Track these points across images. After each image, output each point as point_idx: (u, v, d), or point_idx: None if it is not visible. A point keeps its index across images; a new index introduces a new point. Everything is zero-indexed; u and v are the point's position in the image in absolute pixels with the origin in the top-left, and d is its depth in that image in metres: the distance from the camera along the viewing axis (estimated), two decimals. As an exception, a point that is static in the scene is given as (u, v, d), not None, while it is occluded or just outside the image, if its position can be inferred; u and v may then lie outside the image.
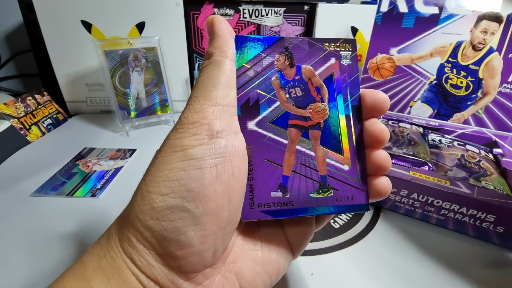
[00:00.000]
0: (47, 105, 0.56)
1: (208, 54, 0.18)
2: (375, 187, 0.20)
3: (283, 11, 0.60)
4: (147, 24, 0.57)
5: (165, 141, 0.17)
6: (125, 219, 0.16)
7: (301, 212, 0.19)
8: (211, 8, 0.58)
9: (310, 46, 0.20)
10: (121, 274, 0.15)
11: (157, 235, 0.15)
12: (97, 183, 0.40)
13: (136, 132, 0.55)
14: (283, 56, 0.20)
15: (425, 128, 0.47)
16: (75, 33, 0.55)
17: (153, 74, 0.56)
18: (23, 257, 0.29)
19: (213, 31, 0.18)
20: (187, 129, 0.16)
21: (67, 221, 0.33)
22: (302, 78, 0.20)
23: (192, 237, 0.15)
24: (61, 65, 0.58)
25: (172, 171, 0.15)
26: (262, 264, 0.19)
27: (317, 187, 0.19)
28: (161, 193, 0.15)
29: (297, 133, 0.20)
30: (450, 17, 0.48)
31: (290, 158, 0.19)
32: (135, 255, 0.15)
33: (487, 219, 0.31)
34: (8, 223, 0.33)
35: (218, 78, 0.17)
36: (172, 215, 0.15)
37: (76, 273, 0.15)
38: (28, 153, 0.47)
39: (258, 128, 0.19)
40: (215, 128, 0.16)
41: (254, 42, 0.19)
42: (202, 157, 0.16)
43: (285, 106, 0.20)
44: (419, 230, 0.34)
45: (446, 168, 0.37)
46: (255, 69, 0.19)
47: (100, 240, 0.17)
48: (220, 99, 0.17)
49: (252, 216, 0.18)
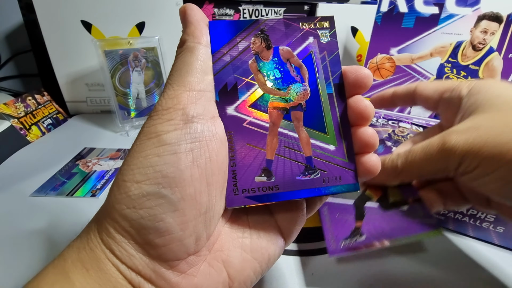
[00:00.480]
0: (47, 105, 0.56)
1: (181, 41, 0.18)
2: (363, 165, 0.19)
3: (283, 11, 0.60)
4: (147, 24, 0.57)
5: (140, 130, 0.17)
6: (103, 210, 0.16)
7: (288, 196, 0.19)
8: (211, 8, 0.58)
9: (287, 26, 0.20)
10: (101, 265, 0.15)
11: (135, 224, 0.15)
12: (97, 183, 0.40)
13: (136, 132, 0.55)
14: (259, 38, 0.19)
15: (425, 128, 0.47)
16: (75, 33, 0.55)
17: (153, 74, 0.56)
18: (23, 257, 0.29)
19: (185, 19, 0.18)
20: (161, 115, 0.16)
21: (67, 221, 0.33)
22: (281, 59, 0.20)
23: (171, 224, 0.15)
24: (61, 65, 0.58)
25: (147, 157, 0.15)
26: (251, 251, 0.19)
27: (302, 169, 0.19)
28: (136, 180, 0.15)
29: (279, 115, 0.19)
30: (450, 17, 0.48)
31: (273, 141, 0.19)
32: (114, 245, 0.15)
33: (487, 219, 0.31)
34: (8, 223, 0.33)
35: (192, 63, 0.17)
36: (149, 202, 0.15)
37: (56, 266, 0.15)
38: (28, 153, 0.47)
39: (237, 113, 0.19)
40: (190, 113, 0.16)
41: (228, 27, 0.19)
42: (177, 141, 0.15)
43: (264, 88, 0.19)
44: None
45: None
46: (231, 53, 0.19)
47: (80, 234, 0.17)
48: (195, 85, 0.17)
49: (237, 203, 0.18)
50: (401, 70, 0.52)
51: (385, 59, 0.53)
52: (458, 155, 0.21)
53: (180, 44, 0.18)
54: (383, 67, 0.53)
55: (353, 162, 0.19)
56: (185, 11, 0.18)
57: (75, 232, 0.32)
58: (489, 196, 0.23)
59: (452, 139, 0.21)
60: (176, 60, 0.18)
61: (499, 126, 0.21)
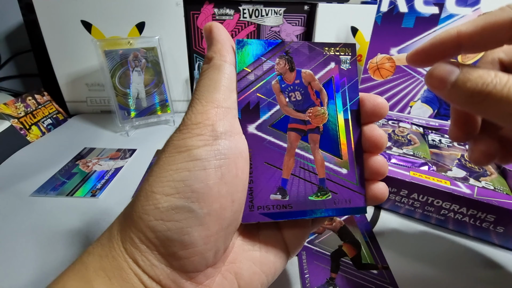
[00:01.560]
0: (47, 105, 0.56)
1: (207, 58, 0.19)
2: (372, 191, 0.20)
3: (283, 11, 0.60)
4: (147, 24, 0.57)
5: (168, 142, 0.17)
6: (128, 219, 0.16)
7: (300, 214, 0.19)
8: (211, 8, 0.58)
9: (310, 50, 0.20)
10: (123, 274, 0.15)
11: (161, 236, 0.15)
12: (97, 183, 0.40)
13: (136, 132, 0.55)
14: (283, 60, 0.20)
15: (425, 128, 0.47)
16: (75, 33, 0.55)
17: (153, 74, 0.56)
18: (23, 257, 0.29)
19: (212, 37, 0.19)
20: (190, 129, 0.16)
21: (67, 221, 0.33)
22: (302, 82, 0.20)
23: (196, 238, 0.15)
24: (61, 65, 0.58)
25: (177, 171, 0.16)
26: (260, 265, 0.19)
27: (315, 190, 0.20)
28: (166, 193, 0.15)
29: (297, 137, 0.20)
30: (450, 17, 0.48)
31: (290, 161, 0.19)
32: (137, 255, 0.15)
33: (487, 219, 0.31)
34: (8, 223, 0.33)
35: (219, 81, 0.18)
36: (177, 215, 0.15)
37: (77, 273, 0.15)
38: (28, 153, 0.47)
39: (258, 132, 0.19)
40: (218, 129, 0.16)
41: (254, 46, 0.20)
42: (207, 157, 0.16)
43: (285, 110, 0.20)
44: (419, 230, 0.34)
45: (446, 168, 0.37)
46: (256, 73, 0.19)
47: (101, 240, 0.17)
48: (222, 101, 0.17)
49: (252, 219, 0.19)
50: (401, 70, 0.52)
51: (385, 59, 0.53)
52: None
53: (206, 60, 0.19)
54: (383, 67, 0.53)
55: (363, 186, 0.20)
56: (211, 29, 0.19)
57: (75, 232, 0.32)
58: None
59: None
60: (203, 76, 0.18)
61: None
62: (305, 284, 0.27)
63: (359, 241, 0.32)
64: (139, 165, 0.45)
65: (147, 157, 0.46)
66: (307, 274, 0.28)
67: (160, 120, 0.58)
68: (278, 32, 0.62)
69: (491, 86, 0.15)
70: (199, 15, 0.58)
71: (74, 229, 0.32)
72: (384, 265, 0.29)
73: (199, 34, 0.60)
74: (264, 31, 0.62)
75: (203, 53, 0.62)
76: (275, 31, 0.62)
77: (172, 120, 0.59)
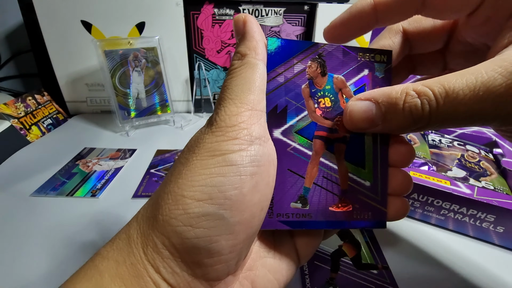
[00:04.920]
0: (47, 105, 0.56)
1: (240, 54, 0.17)
2: (392, 207, 0.19)
3: (283, 11, 0.60)
4: (147, 24, 0.57)
5: (198, 143, 0.16)
6: (151, 221, 0.15)
7: (318, 225, 0.19)
8: (211, 8, 0.58)
9: (344, 54, 0.19)
10: (141, 282, 0.14)
11: (188, 242, 0.14)
12: (97, 183, 0.40)
13: (136, 132, 0.55)
14: (315, 63, 0.19)
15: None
16: (75, 33, 0.55)
17: (153, 74, 0.56)
18: (23, 257, 0.29)
19: (246, 31, 0.17)
20: (225, 132, 0.15)
21: (67, 221, 0.33)
22: (333, 88, 0.19)
23: (223, 246, 0.15)
24: (61, 65, 0.58)
25: (211, 176, 0.15)
26: (274, 272, 0.19)
27: (336, 201, 0.19)
28: (197, 198, 0.14)
29: (322, 145, 0.19)
30: (450, 17, 0.47)
31: (313, 170, 0.19)
32: (159, 261, 0.15)
33: (487, 219, 0.31)
34: (8, 223, 0.33)
35: (254, 81, 0.16)
36: (207, 222, 0.14)
37: (91, 279, 0.14)
38: (28, 153, 0.47)
39: (283, 137, 0.18)
40: (253, 134, 0.16)
41: (286, 46, 0.18)
42: (243, 163, 0.15)
43: (313, 116, 0.19)
44: (419, 230, 0.34)
45: (446, 168, 0.37)
46: (286, 75, 0.18)
47: (118, 243, 0.15)
48: (256, 104, 0.16)
49: (271, 225, 0.18)
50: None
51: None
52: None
53: (239, 56, 0.17)
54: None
55: (385, 201, 0.19)
56: (245, 22, 0.17)
57: (75, 232, 0.32)
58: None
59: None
60: (235, 74, 0.17)
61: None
62: (305, 284, 0.27)
63: (359, 241, 0.32)
64: (139, 165, 0.45)
65: (147, 157, 0.46)
66: (307, 274, 0.28)
67: (160, 120, 0.58)
68: (278, 32, 0.62)
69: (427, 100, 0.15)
70: (199, 15, 0.58)
71: (74, 229, 0.32)
72: (384, 265, 0.29)
73: (199, 34, 0.60)
74: (264, 31, 0.62)
75: (203, 53, 0.62)
76: (275, 31, 0.62)
77: (172, 120, 0.59)
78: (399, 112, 0.16)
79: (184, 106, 0.65)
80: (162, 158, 0.47)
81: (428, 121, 0.15)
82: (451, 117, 0.15)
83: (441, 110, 0.14)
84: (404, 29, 0.21)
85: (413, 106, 0.15)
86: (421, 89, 0.15)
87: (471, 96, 0.14)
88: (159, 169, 0.44)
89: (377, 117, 0.16)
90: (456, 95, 0.14)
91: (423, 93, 0.15)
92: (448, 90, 0.14)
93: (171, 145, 0.51)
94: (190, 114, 0.63)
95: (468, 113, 0.14)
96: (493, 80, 0.14)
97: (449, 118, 0.15)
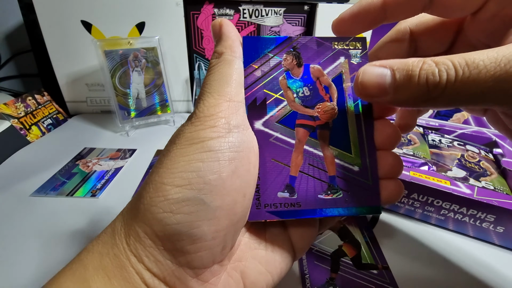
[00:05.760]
0: (47, 105, 0.56)
1: (217, 53, 0.18)
2: (385, 191, 0.19)
3: (283, 11, 0.60)
4: (147, 24, 0.57)
5: (179, 134, 0.16)
6: (133, 211, 0.16)
7: (309, 213, 0.19)
8: (211, 8, 0.58)
9: (319, 45, 0.20)
10: (124, 274, 0.14)
11: (169, 229, 0.14)
12: (97, 183, 0.40)
13: (136, 132, 0.55)
14: (290, 55, 0.20)
15: (425, 128, 0.47)
16: (75, 33, 0.55)
17: (153, 74, 0.56)
18: (23, 257, 0.29)
19: (221, 32, 0.19)
20: (203, 121, 0.16)
21: (67, 221, 0.33)
22: (310, 77, 0.20)
23: (205, 231, 0.15)
24: (61, 65, 0.58)
25: (190, 162, 0.15)
26: (266, 264, 0.19)
27: (325, 188, 0.19)
28: (177, 184, 0.15)
29: (305, 133, 0.19)
30: (450, 17, 0.47)
31: (298, 158, 0.19)
32: (141, 250, 0.15)
33: (487, 219, 0.31)
34: (8, 223, 0.33)
35: (231, 75, 0.17)
36: (187, 207, 0.15)
37: (75, 273, 0.14)
38: (28, 153, 0.47)
39: (265, 128, 0.19)
40: (231, 122, 0.16)
41: (261, 42, 0.19)
42: (221, 149, 0.15)
43: (293, 105, 0.19)
44: (419, 230, 0.34)
45: (446, 168, 0.37)
46: (262, 69, 0.19)
47: (103, 237, 0.16)
48: (234, 96, 0.17)
49: (259, 217, 0.18)
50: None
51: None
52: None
53: (216, 55, 0.18)
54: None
55: (377, 184, 0.19)
56: (220, 25, 0.19)
57: (75, 232, 0.32)
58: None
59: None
60: (213, 70, 0.18)
61: None
62: (305, 284, 0.27)
63: (359, 241, 0.32)
64: (139, 165, 0.45)
65: (147, 157, 0.46)
66: (307, 274, 0.28)
67: (160, 120, 0.58)
68: (278, 32, 0.62)
69: (450, 69, 0.14)
70: (199, 15, 0.58)
71: (74, 229, 0.32)
72: (384, 265, 0.29)
73: (199, 34, 0.60)
74: (264, 31, 0.62)
75: (203, 53, 0.62)
76: (275, 31, 0.62)
77: (172, 120, 0.59)
78: (413, 80, 0.15)
79: (184, 106, 0.65)
80: (162, 158, 0.46)
81: (442, 91, 0.14)
82: (468, 90, 0.14)
83: (460, 80, 0.14)
84: (411, 30, 0.21)
85: (430, 73, 0.14)
86: (440, 59, 0.14)
87: (492, 67, 0.13)
88: (159, 169, 0.44)
89: (389, 84, 0.15)
90: (477, 65, 0.13)
91: (442, 63, 0.14)
92: (468, 60, 0.13)
93: (171, 145, 0.51)
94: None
95: (487, 86, 0.13)
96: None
97: (466, 91, 0.14)
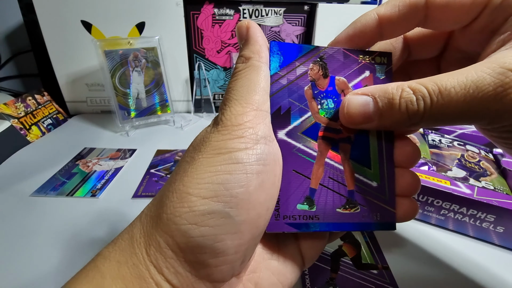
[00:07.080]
0: (47, 105, 0.56)
1: (244, 57, 0.18)
2: (400, 208, 0.19)
3: (283, 11, 0.60)
4: (147, 24, 0.57)
5: (204, 142, 0.16)
6: (154, 220, 0.15)
7: (327, 227, 0.18)
8: (211, 8, 0.58)
9: (345, 57, 0.20)
10: (143, 284, 0.14)
11: (193, 241, 0.14)
12: (97, 183, 0.40)
13: (136, 132, 0.55)
14: (317, 66, 0.19)
15: (425, 128, 0.47)
16: (75, 33, 0.55)
17: (153, 74, 0.56)
18: (23, 257, 0.29)
19: (249, 36, 0.18)
20: (231, 131, 0.15)
21: (67, 221, 0.33)
22: (335, 90, 0.20)
23: (229, 246, 0.14)
24: (61, 65, 0.58)
25: (217, 173, 0.14)
26: (278, 275, 0.19)
27: (344, 202, 0.19)
28: (203, 196, 0.14)
29: (327, 146, 0.19)
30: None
31: (319, 170, 0.19)
32: (162, 261, 0.14)
33: (487, 219, 0.31)
34: (8, 223, 0.33)
35: (258, 82, 0.17)
36: (213, 220, 0.14)
37: (92, 281, 0.14)
38: (28, 153, 0.47)
39: (288, 138, 0.18)
40: (259, 133, 0.16)
41: (288, 50, 0.19)
42: (249, 161, 0.15)
43: (317, 117, 0.19)
44: (419, 230, 0.34)
45: (446, 168, 0.37)
46: (288, 77, 0.19)
47: (120, 244, 0.15)
48: (261, 104, 0.16)
49: (277, 228, 0.18)
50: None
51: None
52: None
53: (242, 59, 0.18)
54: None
55: (394, 201, 0.19)
56: (248, 28, 0.18)
57: (75, 232, 0.32)
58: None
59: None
60: (240, 75, 0.17)
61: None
62: (305, 284, 0.27)
63: (359, 241, 0.32)
64: (139, 165, 0.45)
65: (147, 157, 0.46)
66: (307, 274, 0.28)
67: (160, 120, 0.58)
68: (278, 32, 0.62)
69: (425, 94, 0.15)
70: (199, 15, 0.58)
71: (74, 229, 0.32)
72: (384, 265, 0.29)
73: (199, 34, 0.60)
74: (264, 31, 0.62)
75: (203, 53, 0.62)
76: (275, 31, 0.62)
77: (172, 120, 0.59)
78: (395, 108, 0.16)
79: (184, 106, 0.65)
80: (162, 158, 0.47)
81: (422, 117, 0.16)
82: (443, 114, 0.15)
83: (435, 106, 0.15)
84: (404, 36, 0.21)
85: (409, 101, 0.16)
86: (416, 86, 0.15)
87: (462, 93, 0.14)
88: (159, 169, 0.44)
89: (373, 112, 0.17)
90: (449, 92, 0.15)
91: (418, 90, 0.15)
92: (440, 87, 0.15)
93: (171, 145, 0.51)
94: (190, 114, 0.63)
95: (459, 111, 0.15)
96: (482, 79, 0.14)
97: (442, 115, 0.15)
